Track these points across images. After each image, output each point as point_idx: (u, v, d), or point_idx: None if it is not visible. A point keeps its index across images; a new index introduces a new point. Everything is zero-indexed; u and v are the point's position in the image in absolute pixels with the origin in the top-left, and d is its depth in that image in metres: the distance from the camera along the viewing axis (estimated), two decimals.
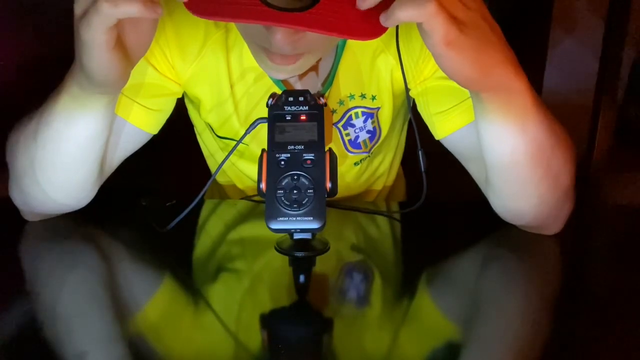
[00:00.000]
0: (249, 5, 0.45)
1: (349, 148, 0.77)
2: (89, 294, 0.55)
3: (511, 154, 0.56)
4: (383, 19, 0.45)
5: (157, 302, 0.53)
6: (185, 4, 0.46)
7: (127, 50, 0.51)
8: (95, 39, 0.47)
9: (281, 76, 0.64)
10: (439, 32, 0.44)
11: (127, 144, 0.68)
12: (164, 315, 0.51)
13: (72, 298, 0.54)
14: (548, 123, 0.55)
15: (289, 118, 0.55)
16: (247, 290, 0.56)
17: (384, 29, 0.46)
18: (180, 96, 0.72)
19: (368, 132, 0.76)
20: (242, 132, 0.72)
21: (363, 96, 0.74)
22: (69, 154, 0.60)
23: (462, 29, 0.45)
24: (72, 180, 0.63)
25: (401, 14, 0.44)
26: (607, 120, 1.39)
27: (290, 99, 0.56)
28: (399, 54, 0.61)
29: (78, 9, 0.47)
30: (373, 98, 0.74)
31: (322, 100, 0.56)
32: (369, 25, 0.46)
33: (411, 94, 0.71)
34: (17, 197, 0.66)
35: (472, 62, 0.47)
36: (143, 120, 0.67)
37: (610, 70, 1.39)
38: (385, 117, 0.76)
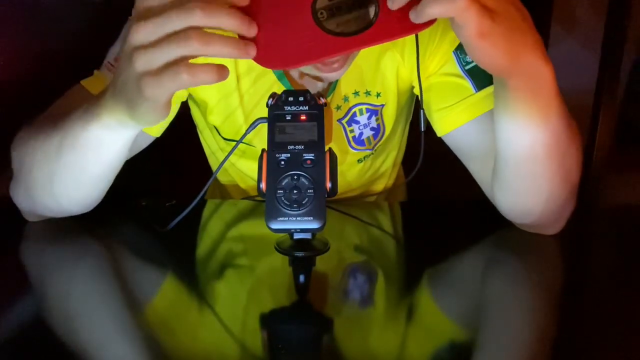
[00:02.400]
0: (314, 42, 0.47)
1: (353, 145, 0.77)
2: (88, 294, 0.55)
3: (531, 146, 0.55)
4: (413, 16, 0.45)
5: (157, 302, 0.53)
6: (255, 59, 0.47)
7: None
8: (160, 99, 0.47)
9: (332, 79, 0.66)
10: (472, 25, 0.44)
11: (132, 147, 0.68)
12: (163, 315, 0.51)
13: (72, 298, 0.54)
14: (567, 116, 0.55)
15: (289, 118, 0.55)
16: (247, 290, 0.56)
17: (429, 22, 0.46)
18: (184, 99, 0.72)
19: (372, 129, 0.76)
20: (245, 127, 0.71)
21: (368, 93, 0.74)
22: (93, 174, 0.60)
23: (494, 18, 0.45)
24: (91, 195, 0.64)
25: (432, 10, 0.43)
26: (607, 120, 1.39)
27: (290, 98, 0.56)
28: (417, 46, 0.62)
29: (143, 63, 0.45)
30: (378, 95, 0.74)
31: (322, 100, 0.56)
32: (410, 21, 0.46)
33: (415, 90, 0.71)
34: (23, 202, 0.66)
35: (504, 51, 0.46)
36: None
37: (610, 70, 1.39)
38: (390, 115, 0.76)
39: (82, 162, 0.58)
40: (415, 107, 0.83)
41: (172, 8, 0.44)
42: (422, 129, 0.65)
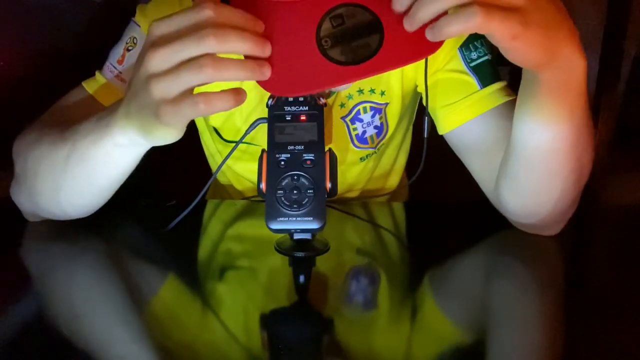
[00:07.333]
0: (318, 71, 0.46)
1: (356, 142, 0.78)
2: (88, 294, 0.55)
3: (553, 141, 0.54)
4: (430, 35, 0.44)
5: (156, 302, 0.53)
6: (262, 85, 0.47)
7: None
8: (178, 125, 0.49)
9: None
10: (499, 34, 0.43)
11: None
12: (163, 315, 0.51)
13: (72, 298, 0.54)
14: (589, 111, 0.54)
15: (289, 118, 0.55)
16: (247, 291, 0.56)
17: (440, 43, 0.45)
18: None
19: (375, 127, 0.77)
20: (244, 128, 0.72)
21: (372, 91, 0.74)
22: (101, 186, 0.61)
23: (526, 18, 0.43)
24: (96, 204, 0.64)
25: (450, 29, 0.42)
26: (607, 120, 1.39)
27: (290, 99, 0.56)
28: None
29: (160, 91, 0.46)
30: (382, 93, 0.74)
31: (322, 101, 0.56)
32: (425, 42, 0.45)
33: (419, 88, 0.71)
34: (25, 205, 0.66)
35: (541, 48, 0.45)
36: None
37: (610, 70, 1.39)
38: (393, 114, 0.76)
39: (90, 175, 0.59)
40: (418, 110, 0.83)
41: (186, 34, 0.44)
42: (425, 135, 0.65)
